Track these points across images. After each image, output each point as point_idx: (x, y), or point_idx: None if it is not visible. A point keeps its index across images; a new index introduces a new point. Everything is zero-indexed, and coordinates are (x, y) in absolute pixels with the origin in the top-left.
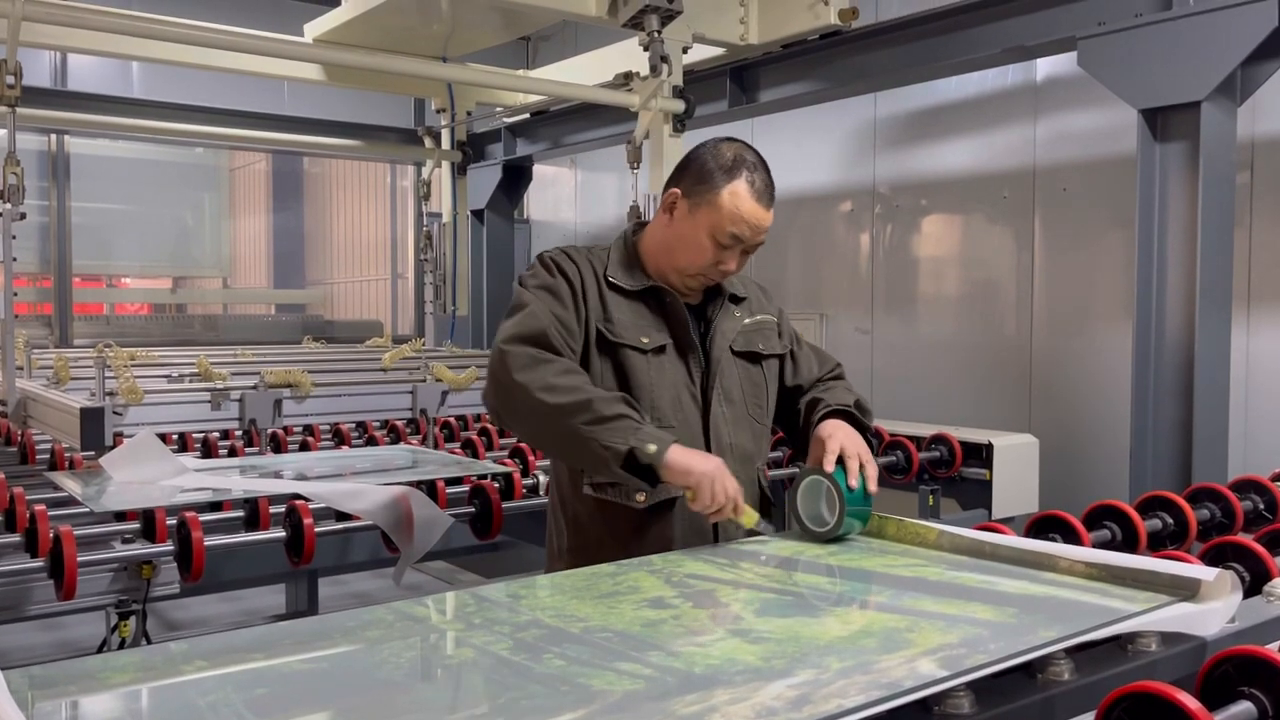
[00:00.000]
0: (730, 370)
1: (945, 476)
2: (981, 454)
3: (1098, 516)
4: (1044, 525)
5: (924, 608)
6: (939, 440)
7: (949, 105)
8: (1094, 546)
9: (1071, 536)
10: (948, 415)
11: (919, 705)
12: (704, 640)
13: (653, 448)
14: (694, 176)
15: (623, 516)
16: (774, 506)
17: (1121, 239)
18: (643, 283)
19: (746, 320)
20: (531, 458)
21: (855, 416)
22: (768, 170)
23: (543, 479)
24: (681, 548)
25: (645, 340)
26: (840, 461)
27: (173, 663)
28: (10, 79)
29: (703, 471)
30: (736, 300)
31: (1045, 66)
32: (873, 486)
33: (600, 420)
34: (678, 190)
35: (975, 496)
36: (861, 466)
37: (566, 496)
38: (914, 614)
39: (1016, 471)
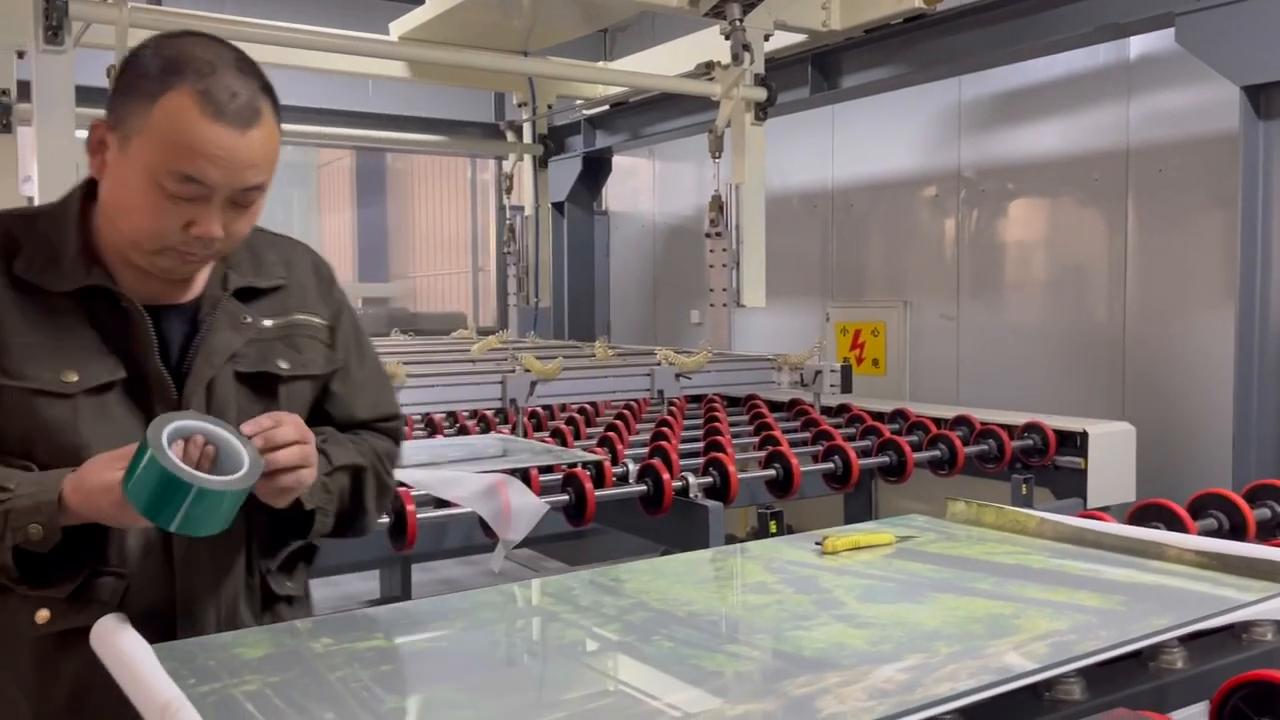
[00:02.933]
0: (228, 409)
1: (1039, 465)
2: (1076, 442)
3: (1202, 505)
4: (1147, 514)
5: (1029, 594)
6: (1032, 428)
7: (1037, 86)
8: (1200, 535)
9: (1176, 525)
10: (1037, 403)
11: (1029, 691)
12: (810, 624)
13: (36, 529)
14: (122, 92)
15: (20, 647)
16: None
17: (1221, 221)
18: (77, 279)
19: (267, 323)
20: (620, 446)
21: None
22: (250, 71)
23: (632, 467)
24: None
25: (72, 378)
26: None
27: (300, 639)
28: None
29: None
30: (256, 293)
31: (1138, 44)
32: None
33: None
34: (105, 120)
35: (1070, 485)
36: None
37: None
38: (1020, 601)
39: (1112, 460)
